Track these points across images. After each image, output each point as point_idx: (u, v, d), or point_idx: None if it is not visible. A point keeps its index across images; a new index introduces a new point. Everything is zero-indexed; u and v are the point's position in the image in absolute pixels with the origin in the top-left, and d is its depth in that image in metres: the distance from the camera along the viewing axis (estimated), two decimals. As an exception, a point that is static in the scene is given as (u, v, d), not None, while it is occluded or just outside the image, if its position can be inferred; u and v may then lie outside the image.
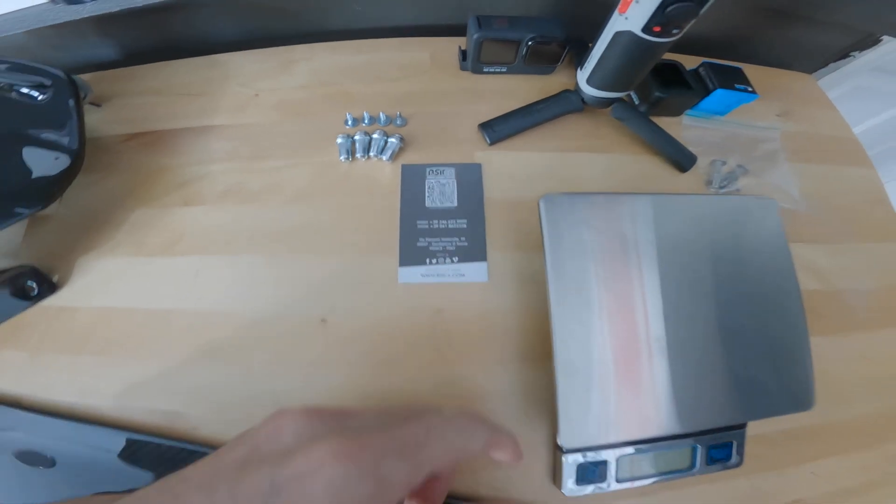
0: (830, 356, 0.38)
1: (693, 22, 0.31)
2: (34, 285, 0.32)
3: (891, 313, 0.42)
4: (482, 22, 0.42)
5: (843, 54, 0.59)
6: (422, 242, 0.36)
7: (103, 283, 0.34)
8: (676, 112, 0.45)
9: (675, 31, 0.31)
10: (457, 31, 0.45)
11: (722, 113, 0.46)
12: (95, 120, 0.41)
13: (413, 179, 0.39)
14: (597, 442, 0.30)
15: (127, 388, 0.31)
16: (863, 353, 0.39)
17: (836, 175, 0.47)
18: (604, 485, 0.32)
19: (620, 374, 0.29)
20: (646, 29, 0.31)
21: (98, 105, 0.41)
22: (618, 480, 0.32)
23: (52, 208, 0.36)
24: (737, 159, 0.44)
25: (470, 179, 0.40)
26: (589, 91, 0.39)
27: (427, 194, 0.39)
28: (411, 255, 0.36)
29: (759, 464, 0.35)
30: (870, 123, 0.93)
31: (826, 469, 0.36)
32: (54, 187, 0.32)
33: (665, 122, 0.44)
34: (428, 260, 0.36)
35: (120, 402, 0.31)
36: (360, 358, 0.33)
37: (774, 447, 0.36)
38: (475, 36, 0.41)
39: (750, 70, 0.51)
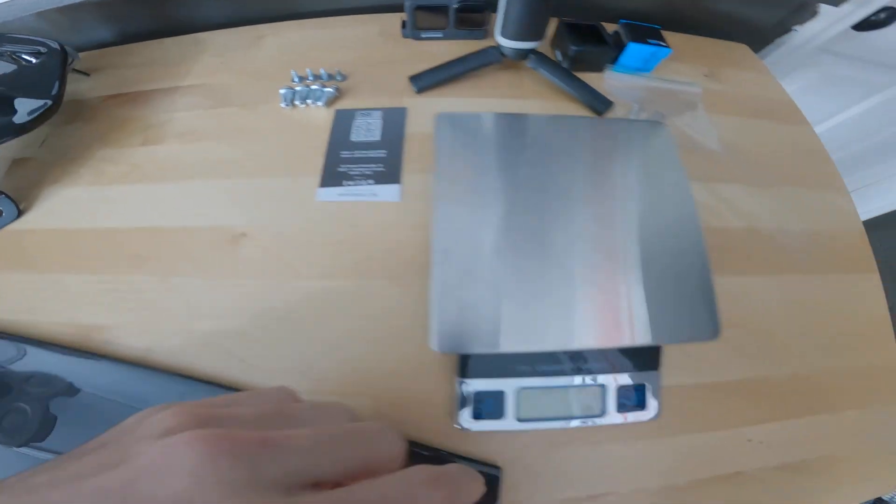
0: (762, 297, 0.38)
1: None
2: (2, 209, 0.38)
3: (827, 259, 0.41)
4: (419, -8, 0.47)
5: (785, 29, 0.61)
6: (342, 168, 0.40)
7: (60, 209, 0.39)
8: (598, 67, 0.48)
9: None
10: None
11: (646, 70, 0.49)
12: (84, 87, 0.48)
13: (343, 120, 0.44)
14: (471, 345, 0.26)
15: (59, 302, 0.34)
16: (800, 299, 0.39)
17: (763, 128, 0.48)
18: (503, 421, 0.30)
19: (498, 273, 0.27)
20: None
21: (87, 74, 0.49)
22: (519, 419, 0.30)
23: (34, 151, 0.43)
24: (658, 110, 0.46)
25: (395, 120, 0.44)
26: (504, 43, 0.44)
27: (353, 131, 0.43)
28: (331, 177, 0.40)
29: (685, 423, 0.33)
30: (848, 114, 0.92)
31: (767, 436, 0.34)
32: (33, 123, 0.38)
33: (588, 77, 0.47)
34: (345, 182, 0.39)
35: (47, 317, 0.33)
36: (274, 269, 0.36)
37: (701, 403, 0.34)
38: (408, 3, 0.47)
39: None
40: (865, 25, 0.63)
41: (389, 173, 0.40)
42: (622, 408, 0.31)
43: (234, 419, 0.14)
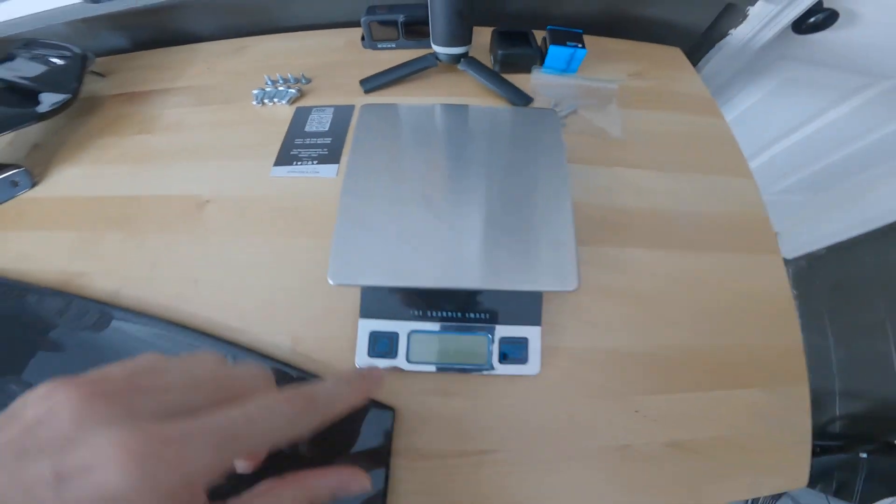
0: (660, 271, 0.42)
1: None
2: (19, 180, 0.47)
3: (731, 239, 0.44)
4: (370, 10, 0.56)
5: (722, 33, 0.66)
6: (294, 151, 0.48)
7: (63, 182, 0.48)
8: (526, 69, 0.55)
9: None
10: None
11: (571, 70, 0.55)
12: (99, 86, 0.59)
13: (301, 115, 0.52)
14: (365, 279, 0.30)
15: (51, 253, 0.43)
16: (701, 276, 0.42)
17: (678, 119, 0.53)
18: (395, 361, 0.34)
19: (395, 224, 0.32)
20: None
21: (103, 75, 0.59)
22: (409, 360, 0.34)
23: (50, 138, 0.53)
24: (573, 103, 0.52)
25: (343, 115, 0.52)
26: (437, 49, 0.51)
27: (308, 124, 0.51)
28: (284, 159, 0.48)
29: (572, 387, 0.35)
30: (827, 119, 0.93)
31: (656, 408, 0.36)
32: (52, 113, 0.48)
33: (518, 78, 0.54)
34: (295, 162, 0.47)
35: (39, 266, 0.42)
36: (231, 228, 0.43)
37: (589, 368, 0.36)
38: (363, 19, 0.55)
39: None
40: (807, 28, 0.66)
41: (331, 156, 0.47)
42: (504, 359, 0.34)
43: (105, 379, 0.16)
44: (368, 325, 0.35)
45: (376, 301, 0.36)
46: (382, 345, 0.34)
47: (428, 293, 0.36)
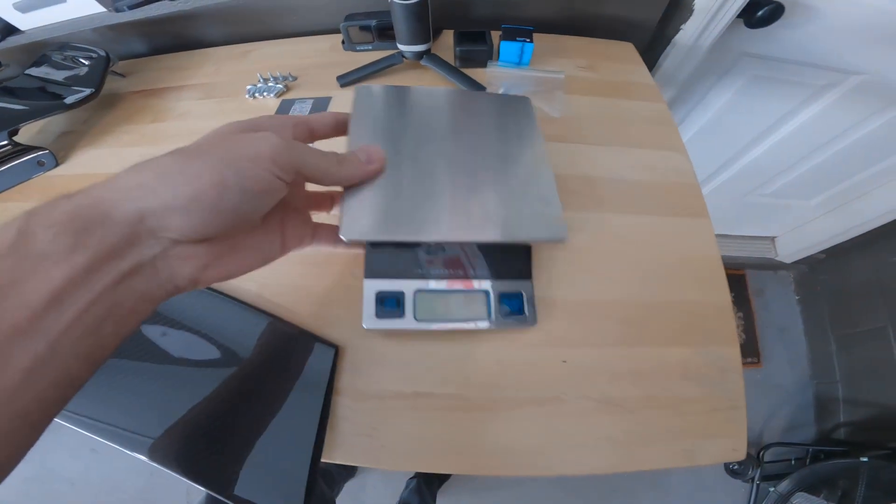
0: (589, 228, 0.46)
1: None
2: (45, 161, 0.57)
3: (664, 204, 0.49)
4: (348, 17, 0.64)
5: (675, 29, 0.71)
6: (275, 134, 0.56)
7: (84, 162, 0.58)
8: (483, 63, 0.62)
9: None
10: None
11: (524, 64, 0.62)
12: (120, 85, 0.69)
13: (285, 106, 0.61)
14: (376, 234, 0.32)
15: None
16: (619, 234, 0.46)
17: (621, 104, 0.59)
18: (403, 321, 0.34)
19: (401, 184, 0.34)
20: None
21: (123, 75, 0.70)
22: (417, 318, 0.34)
23: (77, 127, 0.63)
24: (519, 90, 0.59)
25: (321, 104, 0.60)
26: (402, 47, 0.59)
27: (290, 112, 0.59)
28: (266, 141, 0.56)
29: (499, 335, 0.39)
30: (804, 117, 0.96)
31: (585, 361, 0.38)
32: (77, 104, 0.58)
33: (475, 72, 0.61)
34: (275, 143, 0.55)
35: None
36: None
37: None
38: (342, 24, 0.64)
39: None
40: (757, 22, 0.70)
41: (306, 137, 0.55)
42: (504, 313, 0.37)
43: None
44: (375, 285, 0.35)
45: (380, 261, 0.37)
46: (390, 303, 0.35)
47: (428, 252, 0.37)
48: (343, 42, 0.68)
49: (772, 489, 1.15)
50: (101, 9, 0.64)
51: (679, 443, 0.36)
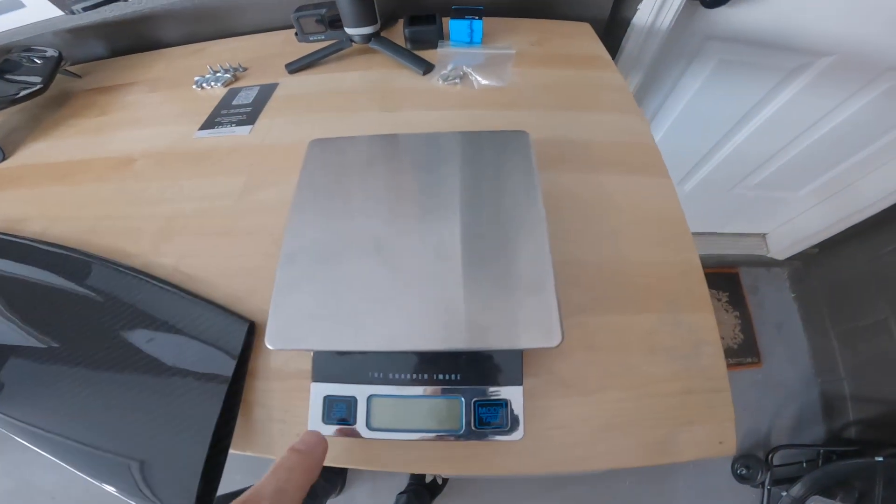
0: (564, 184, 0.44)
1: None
2: None
3: (624, 163, 0.47)
4: (300, 8, 0.64)
5: (633, 9, 0.71)
6: (218, 119, 0.55)
7: (29, 155, 0.57)
8: (433, 44, 0.61)
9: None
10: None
11: (476, 42, 0.61)
12: (75, 85, 0.69)
13: (231, 94, 0.60)
14: (308, 341, 0.27)
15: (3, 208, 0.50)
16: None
17: (572, 74, 0.58)
18: (354, 427, 0.30)
19: (344, 277, 0.29)
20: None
21: (79, 76, 0.70)
22: (370, 427, 0.30)
23: (27, 123, 0.62)
24: (466, 66, 0.57)
25: (266, 91, 0.59)
26: (349, 31, 0.58)
27: (235, 99, 0.59)
28: (209, 124, 0.55)
29: None
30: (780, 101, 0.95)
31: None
32: (24, 99, 0.57)
33: (427, 54, 0.61)
34: (217, 126, 0.54)
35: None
36: (157, 176, 0.50)
37: None
38: (293, 15, 0.64)
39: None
40: (712, 2, 0.69)
41: (247, 120, 0.55)
42: (481, 423, 0.29)
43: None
44: (322, 390, 0.31)
45: (330, 362, 0.32)
46: (339, 410, 0.30)
47: (387, 353, 0.32)
48: (296, 34, 0.68)
49: (784, 493, 1.07)
50: (59, 12, 0.64)
51: (648, 433, 0.31)
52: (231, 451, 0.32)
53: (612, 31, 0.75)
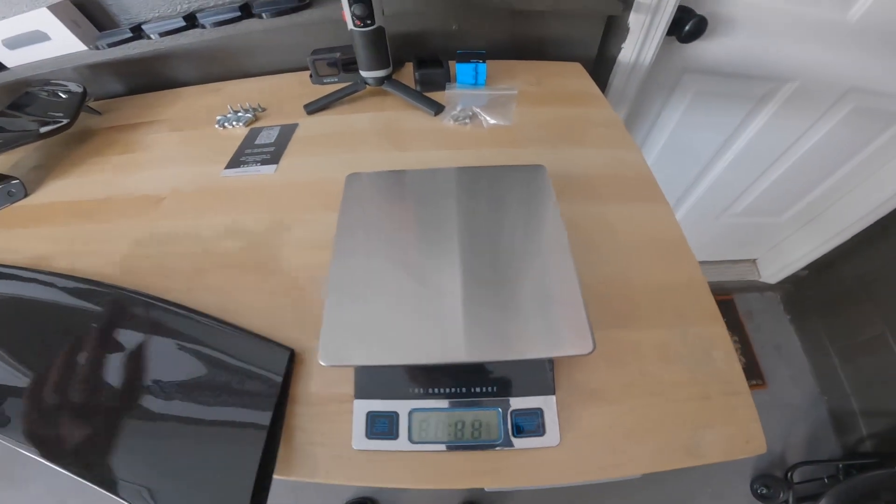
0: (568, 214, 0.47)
1: (369, 12, 0.56)
2: (15, 191, 0.60)
3: (624, 193, 0.52)
4: (315, 52, 0.71)
5: (617, 48, 0.79)
6: (243, 158, 0.60)
7: (51, 192, 0.61)
8: (441, 86, 0.68)
9: (368, 22, 0.56)
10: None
11: (480, 84, 0.68)
12: (96, 122, 0.74)
13: (253, 133, 0.65)
14: (358, 357, 0.30)
15: (31, 244, 0.53)
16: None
17: (572, 112, 0.65)
18: (396, 442, 0.31)
19: (389, 298, 0.32)
20: (353, 24, 0.57)
21: (99, 112, 0.75)
22: (412, 440, 0.31)
23: (49, 160, 0.66)
24: (474, 106, 0.64)
25: (288, 130, 0.65)
26: (364, 74, 0.65)
27: (258, 139, 0.64)
28: (234, 163, 0.60)
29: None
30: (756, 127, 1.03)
31: None
32: (50, 134, 0.61)
33: (436, 95, 0.67)
34: (242, 165, 0.59)
35: (20, 255, 0.51)
36: (184, 212, 0.54)
37: None
38: (309, 58, 0.71)
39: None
40: (687, 36, 0.78)
41: (271, 159, 0.60)
42: (519, 432, 0.32)
43: None
44: (365, 406, 0.33)
45: (372, 379, 0.34)
46: (381, 425, 0.32)
47: (427, 368, 0.35)
48: (311, 76, 0.74)
49: (811, 511, 1.08)
50: (83, 47, 0.69)
51: (675, 437, 0.33)
52: (274, 475, 0.34)
53: (600, 69, 0.84)
